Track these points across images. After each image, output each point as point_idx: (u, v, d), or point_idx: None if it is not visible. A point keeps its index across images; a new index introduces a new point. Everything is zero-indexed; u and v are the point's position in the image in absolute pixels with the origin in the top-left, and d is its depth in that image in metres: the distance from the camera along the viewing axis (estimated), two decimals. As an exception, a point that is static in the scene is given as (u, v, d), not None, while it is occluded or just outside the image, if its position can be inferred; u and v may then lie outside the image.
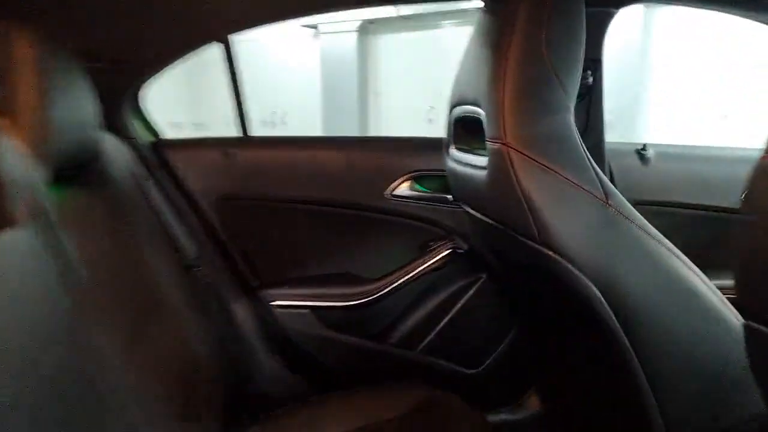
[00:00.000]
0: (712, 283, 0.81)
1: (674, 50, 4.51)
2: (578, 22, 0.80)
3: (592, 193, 0.77)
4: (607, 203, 0.76)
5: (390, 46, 5.88)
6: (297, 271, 1.39)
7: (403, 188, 1.30)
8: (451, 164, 1.06)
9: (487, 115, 0.84)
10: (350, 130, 5.86)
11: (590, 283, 0.76)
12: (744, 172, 1.38)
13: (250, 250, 1.39)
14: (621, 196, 0.79)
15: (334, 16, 5.64)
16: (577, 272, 0.77)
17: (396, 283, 1.29)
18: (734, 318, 0.79)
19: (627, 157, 1.30)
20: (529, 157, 0.77)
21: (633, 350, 0.78)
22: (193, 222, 1.34)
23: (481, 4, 0.95)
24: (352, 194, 1.32)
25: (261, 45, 6.06)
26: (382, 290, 1.29)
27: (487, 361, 1.34)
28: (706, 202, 1.30)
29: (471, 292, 1.31)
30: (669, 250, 0.79)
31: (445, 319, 1.32)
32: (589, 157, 0.80)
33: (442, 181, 1.25)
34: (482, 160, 0.88)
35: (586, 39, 0.80)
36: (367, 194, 1.31)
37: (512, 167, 0.77)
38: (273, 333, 1.33)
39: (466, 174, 0.98)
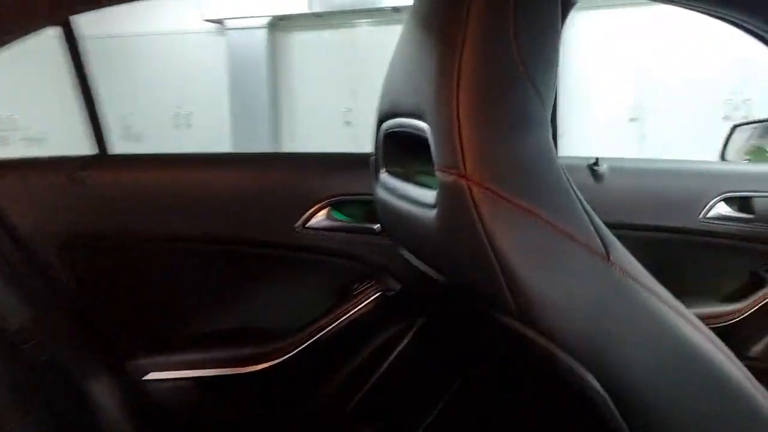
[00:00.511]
0: (732, 354, 0.64)
1: (584, 56, 4.67)
2: (554, 4, 0.60)
3: (588, 246, 0.57)
4: (609, 259, 0.56)
5: (302, 44, 5.93)
6: (179, 330, 1.19)
7: (319, 218, 1.15)
8: (383, 194, 0.83)
9: (434, 132, 0.61)
10: (261, 130, 5.79)
11: (586, 372, 0.57)
12: (704, 188, 1.27)
13: (111, 307, 1.17)
14: (621, 245, 0.59)
15: (242, 11, 5.47)
16: (569, 360, 0.57)
17: (313, 338, 1.13)
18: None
19: (577, 172, 1.18)
20: (500, 195, 0.55)
21: None
22: (24, 275, 1.09)
23: None
24: (253, 228, 1.17)
25: (161, 39, 5.78)
26: (295, 348, 1.13)
27: (426, 422, 1.19)
28: (666, 223, 1.21)
29: (405, 341, 1.16)
30: (683, 316, 0.61)
31: (374, 377, 1.16)
32: (576, 191, 0.59)
33: (367, 207, 1.11)
34: (429, 195, 0.65)
35: None
36: (272, 227, 1.15)
37: (476, 210, 0.56)
38: (146, 416, 1.11)
39: (404, 211, 0.74)
